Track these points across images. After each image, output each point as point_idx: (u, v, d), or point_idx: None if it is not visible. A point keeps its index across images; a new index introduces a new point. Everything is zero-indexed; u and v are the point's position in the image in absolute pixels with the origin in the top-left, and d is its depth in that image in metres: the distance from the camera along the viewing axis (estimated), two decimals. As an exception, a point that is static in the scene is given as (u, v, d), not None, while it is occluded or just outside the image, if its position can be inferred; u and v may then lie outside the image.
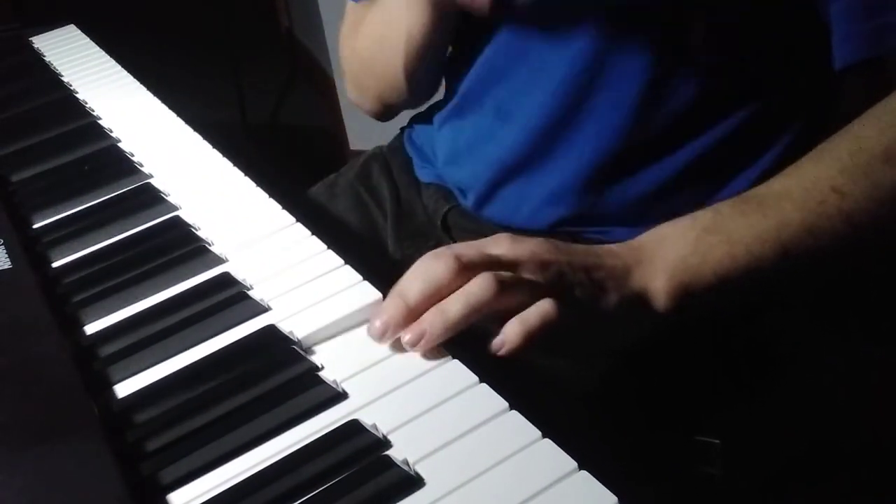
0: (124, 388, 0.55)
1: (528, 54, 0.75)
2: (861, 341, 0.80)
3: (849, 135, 0.62)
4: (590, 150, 0.74)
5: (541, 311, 0.53)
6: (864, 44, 0.64)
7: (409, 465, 0.46)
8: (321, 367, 0.54)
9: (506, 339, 0.53)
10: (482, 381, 0.50)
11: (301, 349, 0.55)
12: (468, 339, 0.54)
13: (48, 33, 1.19)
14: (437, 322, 0.52)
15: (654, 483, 0.67)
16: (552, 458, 0.45)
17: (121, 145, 0.86)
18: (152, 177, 0.79)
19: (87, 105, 0.95)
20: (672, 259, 0.59)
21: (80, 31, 1.18)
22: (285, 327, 0.57)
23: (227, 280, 0.63)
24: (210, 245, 0.68)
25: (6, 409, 0.52)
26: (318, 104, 2.69)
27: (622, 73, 0.71)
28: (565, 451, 0.45)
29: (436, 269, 0.54)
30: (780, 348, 0.76)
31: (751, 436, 0.71)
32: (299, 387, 0.52)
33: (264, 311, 0.60)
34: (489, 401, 0.49)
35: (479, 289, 0.53)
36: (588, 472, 0.44)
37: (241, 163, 0.78)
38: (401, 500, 0.44)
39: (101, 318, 0.62)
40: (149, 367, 0.56)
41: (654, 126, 0.72)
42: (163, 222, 0.72)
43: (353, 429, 0.48)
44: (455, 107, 0.83)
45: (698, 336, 0.69)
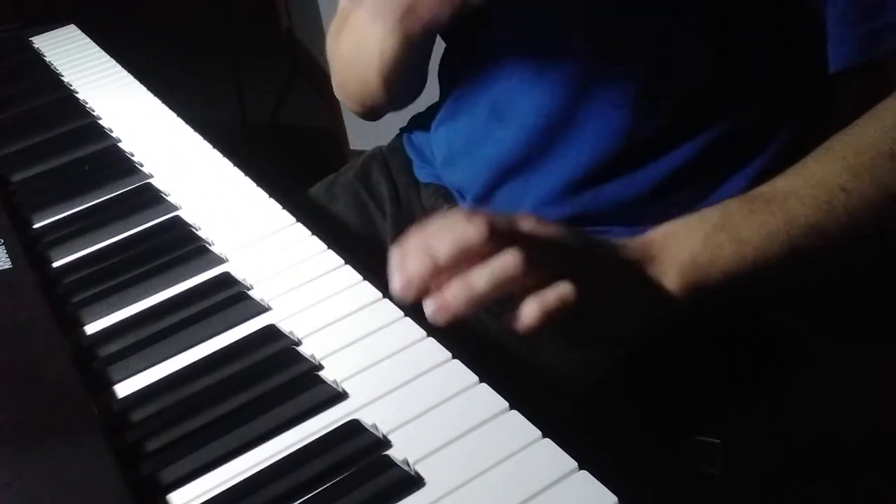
0: (124, 388, 0.55)
1: (524, 55, 0.75)
2: (861, 340, 0.80)
3: (853, 134, 0.62)
4: (587, 150, 0.74)
5: (559, 292, 0.53)
6: (859, 47, 0.64)
7: (409, 465, 0.46)
8: (321, 367, 0.54)
9: (523, 317, 0.52)
10: (482, 381, 0.50)
11: (301, 349, 0.55)
12: (468, 339, 0.54)
13: (48, 33, 1.19)
14: (461, 295, 0.51)
15: (653, 483, 0.67)
16: (552, 458, 0.45)
17: (121, 145, 0.86)
18: (152, 177, 0.79)
19: (87, 105, 0.95)
20: (682, 256, 0.59)
21: (80, 31, 1.18)
22: (285, 327, 0.57)
23: (227, 280, 0.63)
24: (210, 245, 0.68)
25: (6, 409, 0.52)
26: (318, 104, 2.69)
27: (619, 73, 0.71)
28: (565, 451, 0.45)
29: (468, 232, 0.53)
30: (780, 348, 0.76)
31: (751, 436, 0.71)
32: (299, 387, 0.52)
33: (264, 311, 0.60)
34: (489, 401, 0.49)
35: (507, 264, 0.52)
36: (588, 472, 0.44)
37: (241, 163, 0.78)
38: (401, 500, 0.44)
39: (101, 318, 0.62)
40: (149, 367, 0.56)
41: (651, 125, 0.72)
42: (163, 222, 0.72)
43: (353, 429, 0.48)
44: (449, 109, 0.83)
45: (698, 336, 0.69)
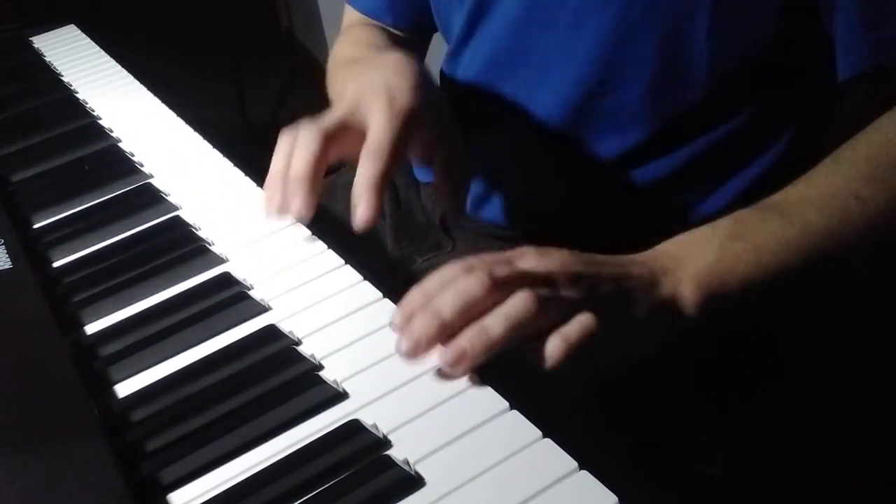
0: (124, 388, 0.55)
1: (526, 62, 0.75)
2: (861, 340, 0.80)
3: (864, 142, 0.62)
4: (587, 156, 0.74)
5: (582, 325, 0.52)
6: (868, 54, 0.64)
7: (409, 465, 0.46)
8: (321, 367, 0.54)
9: (548, 356, 0.51)
10: (483, 381, 0.50)
11: (301, 349, 0.55)
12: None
13: (48, 33, 1.19)
14: (478, 341, 0.49)
15: (653, 482, 0.67)
16: (552, 458, 0.45)
17: (121, 145, 0.86)
18: (152, 177, 0.79)
19: (87, 105, 0.95)
20: (698, 266, 0.58)
21: (80, 31, 1.18)
22: (285, 327, 0.57)
23: (227, 280, 0.63)
24: (210, 245, 0.68)
25: (6, 409, 0.52)
26: (318, 104, 2.68)
27: (625, 81, 0.71)
28: (565, 451, 0.45)
29: (470, 285, 0.51)
30: (780, 348, 0.76)
31: (751, 436, 0.71)
32: (299, 387, 0.52)
33: (264, 311, 0.60)
34: (489, 401, 0.49)
35: (519, 307, 0.50)
36: (588, 472, 0.44)
37: (241, 163, 0.78)
38: (401, 500, 0.44)
39: (101, 318, 0.62)
40: (149, 367, 0.56)
41: (654, 130, 0.72)
42: (163, 222, 0.72)
43: (353, 429, 0.48)
44: None
45: (698, 336, 0.69)
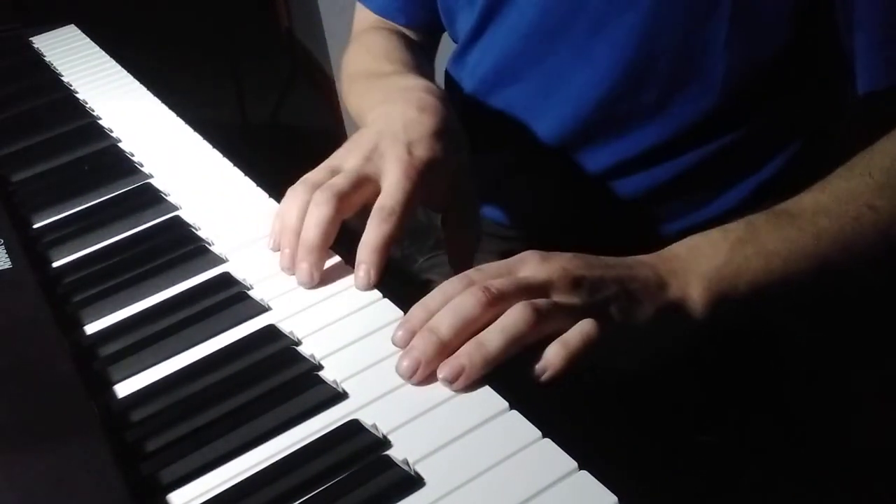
0: (124, 388, 0.55)
1: (538, 68, 0.75)
2: (862, 341, 0.80)
3: (880, 152, 0.62)
4: (596, 160, 0.74)
5: (582, 332, 0.51)
6: (887, 72, 0.65)
7: (409, 465, 0.46)
8: (321, 367, 0.54)
9: (548, 365, 0.51)
10: (482, 381, 0.50)
11: (301, 349, 0.55)
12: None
13: (48, 33, 1.19)
14: (476, 357, 0.50)
15: (653, 483, 0.67)
16: (552, 458, 0.45)
17: (121, 145, 0.86)
18: (152, 177, 0.79)
19: (87, 105, 0.95)
20: (707, 269, 0.58)
21: (80, 31, 1.18)
22: (285, 327, 0.57)
23: (227, 280, 0.63)
24: (210, 245, 0.68)
25: (6, 409, 0.52)
26: (318, 104, 2.69)
27: (640, 88, 0.71)
28: (565, 451, 0.45)
29: (466, 302, 0.51)
30: (780, 348, 0.76)
31: (751, 436, 0.71)
32: (299, 387, 0.52)
33: (264, 311, 0.60)
34: (489, 401, 0.49)
35: (517, 320, 0.50)
36: (588, 472, 0.44)
37: (241, 163, 0.78)
38: (401, 500, 0.44)
39: (101, 318, 0.62)
40: (149, 367, 0.56)
41: (664, 136, 0.72)
42: (163, 222, 0.72)
43: (353, 429, 0.48)
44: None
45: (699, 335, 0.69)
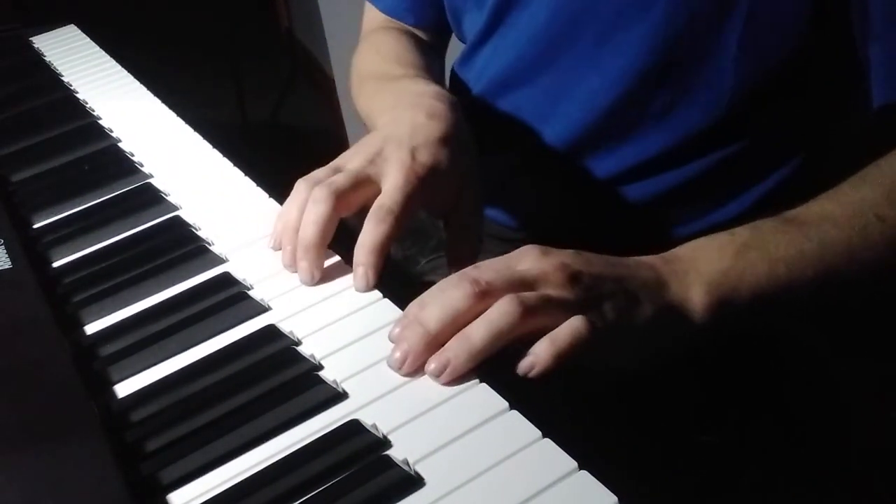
0: (124, 388, 0.55)
1: (548, 72, 0.75)
2: (862, 341, 0.80)
3: (890, 164, 0.62)
4: (603, 165, 0.74)
5: (572, 329, 0.51)
6: None
7: (409, 465, 0.46)
8: (321, 367, 0.54)
9: (535, 361, 0.51)
10: (482, 381, 0.50)
11: (301, 349, 0.55)
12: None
13: (48, 33, 1.19)
14: (461, 350, 0.50)
15: (653, 483, 0.67)
16: (552, 458, 0.45)
17: (121, 145, 0.86)
18: (152, 177, 0.79)
19: (87, 105, 0.95)
20: (710, 271, 0.57)
21: (80, 31, 1.18)
22: (285, 327, 0.57)
23: (227, 280, 0.63)
24: (210, 245, 0.68)
25: (6, 409, 0.52)
26: (318, 104, 2.69)
27: (652, 93, 0.71)
28: (565, 451, 0.45)
29: (454, 295, 0.51)
30: (780, 348, 0.76)
31: (751, 436, 0.71)
32: (299, 387, 0.52)
33: (264, 311, 0.60)
34: (489, 401, 0.49)
35: (502, 313, 0.50)
36: (588, 472, 0.44)
37: (241, 163, 0.78)
38: (401, 500, 0.44)
39: (101, 318, 0.62)
40: (149, 367, 0.56)
41: (673, 142, 0.72)
42: (163, 222, 0.72)
43: (353, 429, 0.48)
44: None
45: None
